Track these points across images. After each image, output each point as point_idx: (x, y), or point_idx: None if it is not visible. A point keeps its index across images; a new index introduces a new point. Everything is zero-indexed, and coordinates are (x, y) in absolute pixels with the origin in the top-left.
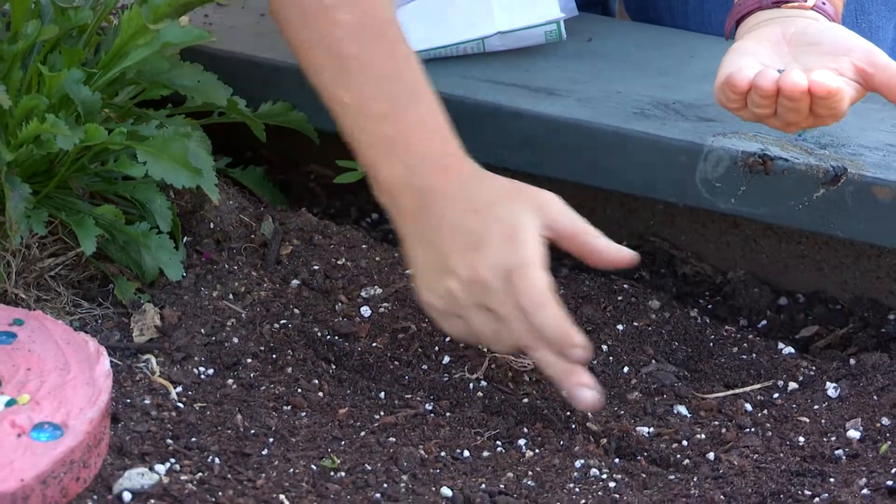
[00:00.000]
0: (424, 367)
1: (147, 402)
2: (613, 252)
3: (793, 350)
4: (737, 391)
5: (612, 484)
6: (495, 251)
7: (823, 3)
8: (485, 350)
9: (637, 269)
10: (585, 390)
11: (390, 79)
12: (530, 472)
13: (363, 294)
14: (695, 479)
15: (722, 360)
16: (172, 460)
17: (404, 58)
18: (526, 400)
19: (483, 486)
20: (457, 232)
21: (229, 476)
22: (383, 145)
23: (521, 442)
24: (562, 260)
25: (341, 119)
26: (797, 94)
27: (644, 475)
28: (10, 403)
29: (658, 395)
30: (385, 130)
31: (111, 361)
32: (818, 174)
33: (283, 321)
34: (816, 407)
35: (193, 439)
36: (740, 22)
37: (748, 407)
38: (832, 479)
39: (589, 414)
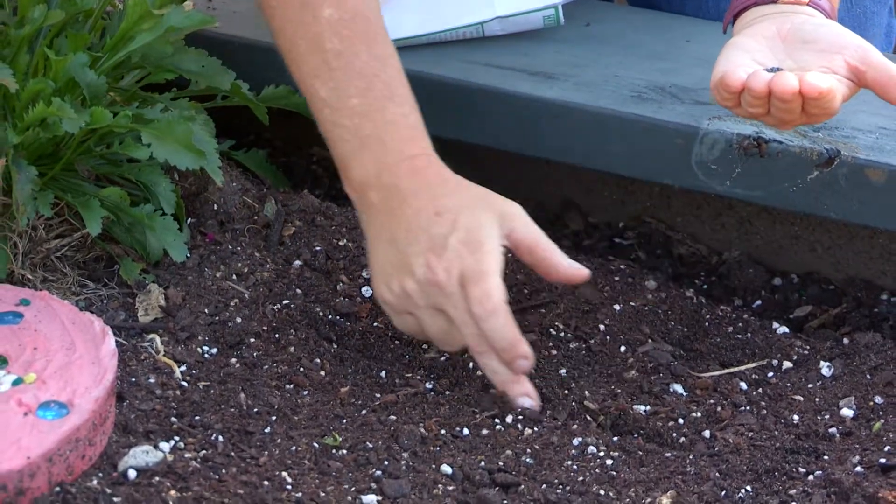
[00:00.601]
0: (424, 346)
1: (152, 380)
2: (568, 268)
3: (787, 330)
4: (732, 370)
5: (609, 461)
6: (454, 256)
7: (819, 0)
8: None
9: (634, 249)
10: (526, 399)
11: (369, 77)
12: (529, 450)
13: (364, 274)
14: (691, 457)
15: (717, 340)
16: (177, 438)
17: (385, 57)
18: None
19: (482, 463)
20: (420, 233)
21: (233, 454)
22: (357, 142)
23: (520, 420)
24: (560, 241)
25: (318, 112)
26: (788, 96)
27: (641, 453)
28: (16, 382)
29: (654, 373)
30: (360, 127)
31: (116, 341)
32: (812, 156)
33: (285, 301)
34: (810, 386)
35: (197, 417)
36: (737, 17)
37: (743, 385)
38: (826, 457)
39: (586, 392)
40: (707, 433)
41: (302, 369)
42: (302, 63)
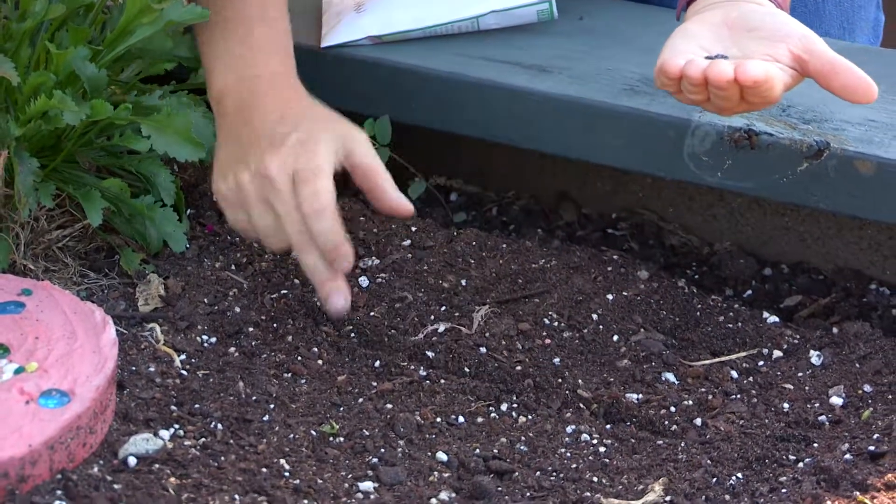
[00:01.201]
0: (420, 335)
1: (152, 369)
2: (396, 199)
3: (777, 319)
4: (723, 359)
5: (602, 449)
6: (289, 153)
7: None
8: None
9: (627, 240)
10: (340, 295)
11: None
12: (523, 437)
13: (361, 265)
14: (682, 444)
15: (708, 329)
16: (176, 426)
17: None
18: (519, 367)
19: (477, 450)
20: (263, 133)
21: (231, 441)
22: (225, 56)
23: (514, 408)
24: (554, 232)
25: (198, 33)
26: (724, 84)
27: (633, 440)
28: (18, 371)
29: (647, 362)
30: (229, 46)
31: (117, 330)
32: (802, 149)
33: (283, 291)
34: (800, 374)
35: (197, 406)
36: (689, 4)
37: (734, 374)
38: (816, 445)
39: (579, 381)
40: (698, 421)
41: (300, 358)
42: None
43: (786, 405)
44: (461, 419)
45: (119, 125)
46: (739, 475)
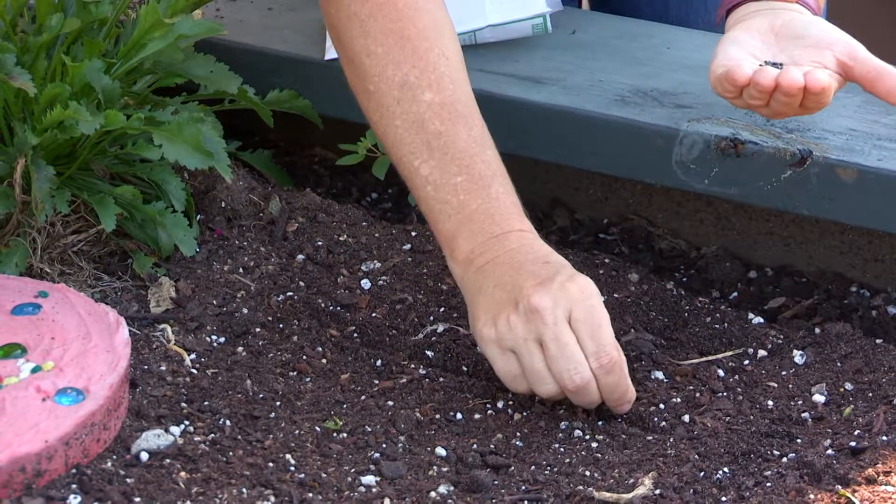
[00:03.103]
0: (420, 335)
1: (163, 368)
2: None
3: (762, 320)
4: (710, 358)
5: (594, 444)
6: (559, 289)
7: None
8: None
9: (618, 244)
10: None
11: (471, 157)
12: (518, 433)
13: (363, 268)
14: (671, 440)
15: (696, 330)
16: (186, 422)
17: (482, 139)
18: None
19: (475, 446)
20: (528, 274)
21: (239, 437)
22: (464, 216)
23: (510, 405)
24: (548, 236)
25: (418, 189)
26: (794, 91)
27: (624, 436)
28: (35, 370)
29: (637, 361)
30: (466, 203)
31: (130, 331)
32: (785, 156)
33: (289, 293)
34: (784, 373)
35: (206, 403)
36: (730, 12)
37: (720, 373)
38: (799, 440)
39: None
40: (686, 418)
41: (305, 357)
42: (401, 143)
43: (770, 402)
44: (459, 416)
45: (132, 134)
46: (726, 469)
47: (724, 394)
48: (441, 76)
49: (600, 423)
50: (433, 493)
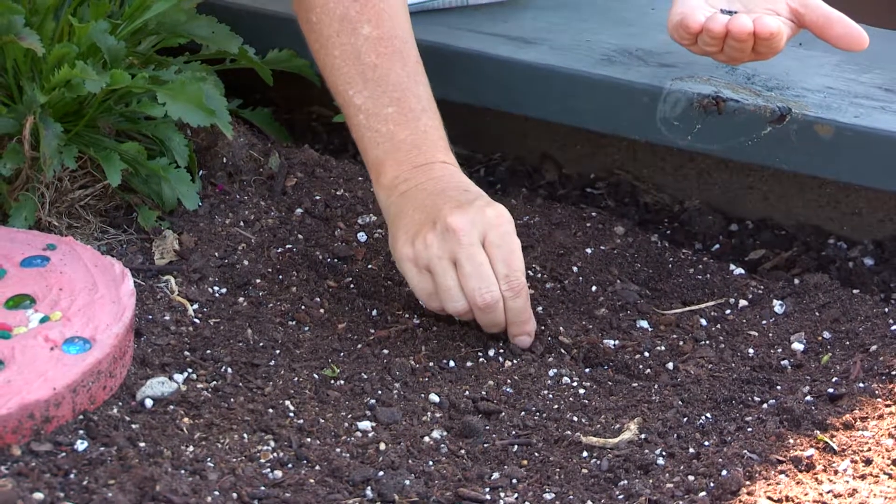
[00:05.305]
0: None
1: (167, 318)
2: None
3: (743, 271)
4: (693, 308)
5: (581, 391)
6: (475, 212)
7: None
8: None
9: (604, 198)
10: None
11: (404, 89)
12: (509, 380)
13: (360, 221)
14: (655, 387)
15: (679, 280)
16: (189, 370)
17: (416, 75)
18: None
19: (467, 392)
20: (447, 198)
21: (240, 384)
22: (391, 145)
23: (501, 353)
24: (537, 191)
25: (351, 117)
26: (744, 36)
27: (610, 383)
28: (43, 320)
29: (623, 311)
30: (395, 133)
31: (135, 282)
32: (765, 114)
33: (288, 245)
34: (764, 322)
35: (208, 351)
36: None
37: (703, 322)
38: (779, 387)
39: (561, 328)
40: (670, 365)
41: (303, 307)
42: (338, 73)
43: (751, 350)
44: (452, 364)
45: (136, 93)
46: (708, 415)
47: (707, 342)
48: (380, 12)
49: (587, 370)
50: (427, 438)
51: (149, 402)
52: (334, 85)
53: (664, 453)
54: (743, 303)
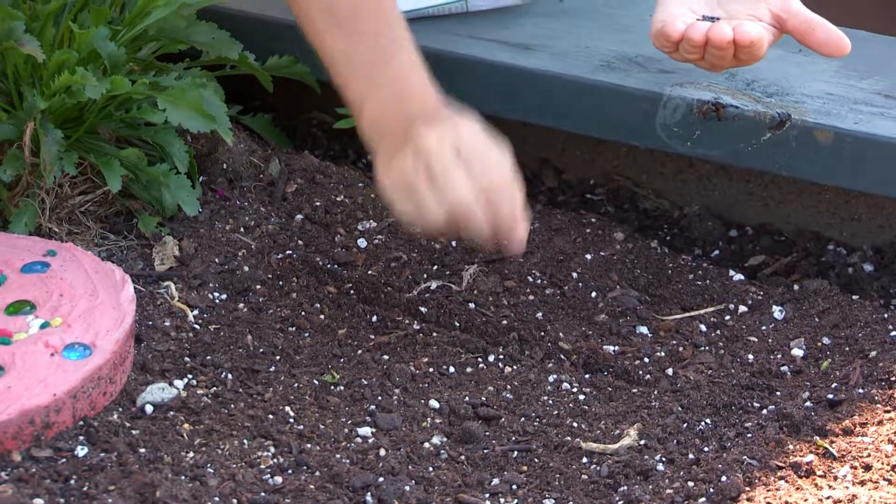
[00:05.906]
0: (414, 292)
1: (167, 324)
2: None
3: (742, 277)
4: (692, 313)
5: (581, 396)
6: (445, 127)
7: None
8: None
9: (604, 204)
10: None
11: (379, 32)
12: (508, 386)
13: (360, 227)
14: (655, 392)
15: (679, 286)
16: (190, 376)
17: (392, 17)
18: (505, 322)
19: (466, 398)
20: (422, 122)
21: (240, 390)
22: (371, 84)
23: (501, 359)
24: (536, 196)
25: (331, 64)
26: (724, 44)
27: (610, 388)
28: (44, 326)
29: (622, 316)
30: (374, 73)
31: (135, 288)
32: (765, 120)
33: (288, 251)
34: (764, 328)
35: (208, 357)
36: None
37: (703, 328)
38: (778, 393)
39: (560, 334)
40: (670, 371)
41: (303, 313)
42: (314, 21)
43: (750, 356)
44: (452, 369)
45: (137, 99)
46: (708, 421)
47: (706, 348)
48: None
49: (587, 376)
50: (427, 444)
51: (149, 408)
52: (314, 34)
53: (664, 459)
54: (742, 309)
